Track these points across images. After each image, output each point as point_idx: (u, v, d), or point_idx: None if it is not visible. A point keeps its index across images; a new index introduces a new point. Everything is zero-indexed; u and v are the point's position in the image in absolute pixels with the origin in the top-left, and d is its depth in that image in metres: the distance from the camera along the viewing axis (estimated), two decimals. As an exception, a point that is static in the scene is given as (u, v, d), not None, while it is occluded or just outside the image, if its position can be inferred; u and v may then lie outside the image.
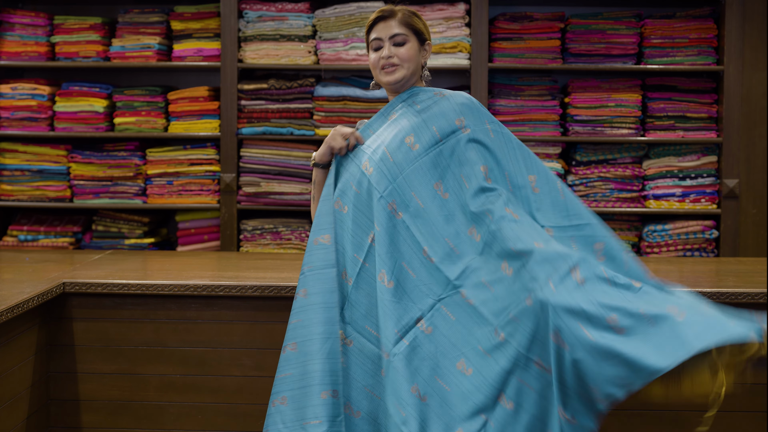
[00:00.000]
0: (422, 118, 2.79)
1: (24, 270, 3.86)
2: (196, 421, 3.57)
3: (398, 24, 2.82)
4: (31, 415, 3.44)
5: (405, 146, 2.74)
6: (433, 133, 2.75)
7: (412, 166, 2.72)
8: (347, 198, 2.78)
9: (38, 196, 5.12)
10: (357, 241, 2.75)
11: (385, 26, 2.83)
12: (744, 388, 3.50)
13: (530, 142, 5.02)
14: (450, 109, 2.79)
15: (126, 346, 3.58)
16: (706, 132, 5.03)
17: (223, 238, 5.04)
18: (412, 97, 2.87)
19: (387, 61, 2.82)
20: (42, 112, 5.10)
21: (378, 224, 2.69)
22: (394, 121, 2.83)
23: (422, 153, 2.74)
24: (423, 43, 2.87)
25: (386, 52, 2.81)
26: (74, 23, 5.12)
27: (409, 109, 2.84)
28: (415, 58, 2.84)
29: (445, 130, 2.77)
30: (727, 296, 3.43)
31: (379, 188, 2.72)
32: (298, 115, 5.02)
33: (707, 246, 5.02)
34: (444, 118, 2.78)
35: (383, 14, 2.84)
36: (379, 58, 2.83)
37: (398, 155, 2.74)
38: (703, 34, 5.01)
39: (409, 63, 2.83)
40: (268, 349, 3.55)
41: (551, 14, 5.06)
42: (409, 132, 2.76)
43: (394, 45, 2.82)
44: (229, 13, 4.99)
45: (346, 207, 2.77)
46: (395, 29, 2.82)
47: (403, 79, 2.84)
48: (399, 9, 2.85)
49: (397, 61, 2.82)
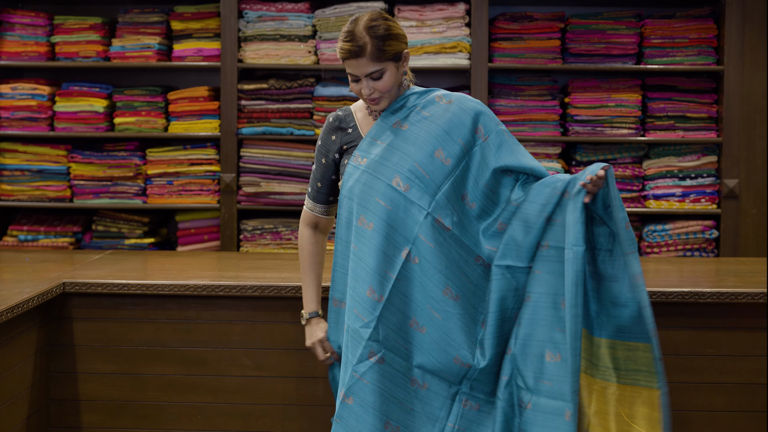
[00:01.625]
0: (443, 129, 2.78)
1: (24, 270, 3.86)
2: (196, 421, 3.57)
3: (370, 61, 2.70)
4: (31, 415, 3.44)
5: (437, 161, 2.75)
6: (461, 147, 2.77)
7: (449, 180, 2.75)
8: (373, 215, 2.74)
9: (38, 196, 5.12)
10: (389, 257, 2.73)
11: (358, 64, 2.71)
12: (744, 388, 3.50)
13: (530, 142, 5.03)
14: (467, 119, 2.80)
15: (126, 346, 3.58)
16: (706, 132, 5.03)
17: (223, 238, 5.04)
18: (414, 101, 2.85)
19: (369, 97, 2.78)
20: (42, 112, 5.10)
21: (427, 239, 2.72)
22: (404, 132, 2.80)
23: (455, 167, 2.76)
24: (399, 59, 2.78)
25: (366, 90, 2.76)
26: (74, 23, 5.12)
27: (417, 116, 2.82)
28: (396, 81, 2.79)
29: (470, 142, 2.79)
30: (727, 296, 3.43)
31: (422, 204, 2.73)
32: (298, 115, 5.02)
33: (707, 246, 5.02)
34: (466, 129, 2.79)
35: (352, 52, 2.69)
36: (359, 90, 2.78)
37: (432, 170, 2.75)
38: (703, 34, 5.01)
39: (390, 91, 2.79)
40: (268, 349, 3.55)
41: (551, 14, 5.06)
42: (436, 146, 2.76)
43: (372, 80, 2.75)
44: (229, 13, 4.99)
45: (371, 224, 2.74)
46: (369, 68, 2.71)
47: (388, 103, 2.83)
48: (369, 41, 2.69)
49: (377, 95, 2.78)
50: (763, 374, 3.48)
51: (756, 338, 3.48)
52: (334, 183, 2.95)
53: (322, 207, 2.99)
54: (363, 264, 2.74)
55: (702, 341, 3.49)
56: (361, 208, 2.77)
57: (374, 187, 2.75)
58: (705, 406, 3.51)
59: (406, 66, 2.83)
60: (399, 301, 2.73)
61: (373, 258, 2.72)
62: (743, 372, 3.49)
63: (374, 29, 2.70)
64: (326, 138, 2.92)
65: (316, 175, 2.96)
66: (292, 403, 3.56)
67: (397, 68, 2.78)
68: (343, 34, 2.72)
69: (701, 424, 3.51)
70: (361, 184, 2.77)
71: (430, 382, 2.74)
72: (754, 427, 3.49)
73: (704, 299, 3.43)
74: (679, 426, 3.50)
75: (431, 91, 2.89)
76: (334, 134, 2.91)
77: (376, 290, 2.71)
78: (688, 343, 3.49)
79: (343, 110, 2.93)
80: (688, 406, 3.51)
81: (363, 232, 2.75)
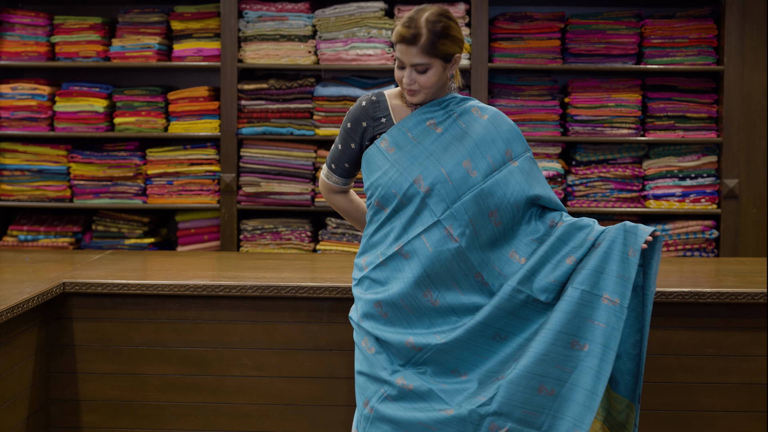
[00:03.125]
0: (475, 143, 2.78)
1: (24, 270, 3.86)
2: (196, 421, 3.57)
3: (420, 52, 2.69)
4: (31, 415, 3.44)
5: (463, 170, 2.75)
6: (489, 163, 2.77)
7: (471, 192, 2.74)
8: (390, 205, 2.78)
9: (38, 196, 5.12)
10: (387, 243, 2.80)
11: (408, 51, 2.70)
12: (744, 388, 3.50)
13: (530, 142, 5.02)
14: (499, 138, 2.81)
15: (126, 346, 3.58)
16: (706, 132, 5.03)
17: (223, 238, 5.04)
18: (452, 107, 2.83)
19: (408, 87, 2.76)
20: (42, 112, 5.10)
21: (428, 242, 2.73)
22: (437, 134, 2.79)
23: (481, 180, 2.75)
24: (449, 60, 2.76)
25: (407, 79, 2.74)
26: (74, 23, 5.12)
27: (452, 124, 2.81)
28: (438, 81, 2.76)
29: (498, 161, 2.79)
30: (727, 296, 3.43)
31: (436, 210, 2.73)
32: (298, 115, 5.02)
33: (707, 246, 5.02)
34: (496, 148, 2.79)
35: (406, 38, 2.69)
36: (401, 77, 2.77)
37: (457, 178, 2.74)
38: (703, 34, 5.01)
39: (429, 89, 2.76)
40: (268, 349, 3.55)
41: (551, 14, 5.06)
42: (466, 156, 2.76)
43: (416, 71, 2.73)
44: (229, 13, 4.99)
45: (387, 210, 2.79)
46: (417, 58, 2.70)
47: (424, 101, 2.81)
48: (425, 32, 2.69)
49: (417, 87, 2.76)
50: (763, 374, 3.48)
51: (756, 338, 3.48)
52: (359, 163, 2.92)
53: (344, 180, 2.97)
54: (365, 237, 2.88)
55: (702, 341, 3.49)
56: (383, 199, 2.78)
57: (397, 182, 2.76)
58: (705, 406, 3.51)
59: (454, 69, 2.81)
60: (376, 283, 2.79)
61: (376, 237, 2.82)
62: (743, 372, 3.49)
63: (434, 24, 2.70)
64: (357, 123, 2.86)
65: (342, 156, 2.91)
66: (292, 403, 3.56)
67: (445, 69, 2.76)
68: (403, 19, 2.72)
69: (701, 424, 3.51)
70: (387, 177, 2.78)
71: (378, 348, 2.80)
72: (754, 427, 3.49)
73: (704, 299, 3.43)
74: (679, 426, 3.50)
75: (468, 100, 2.87)
76: (366, 121, 2.86)
77: (367, 264, 2.82)
78: (688, 343, 3.49)
79: (377, 95, 2.88)
80: (688, 406, 3.51)
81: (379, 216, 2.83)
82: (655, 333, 3.48)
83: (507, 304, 2.72)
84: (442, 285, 2.74)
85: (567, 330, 2.67)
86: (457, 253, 2.72)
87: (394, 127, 2.81)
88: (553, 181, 5.00)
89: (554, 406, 2.66)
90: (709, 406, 3.51)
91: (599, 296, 2.68)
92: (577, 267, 2.73)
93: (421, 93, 2.77)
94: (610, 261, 2.71)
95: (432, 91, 2.78)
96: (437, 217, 2.72)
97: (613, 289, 2.68)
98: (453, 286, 2.74)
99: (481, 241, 2.74)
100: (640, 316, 2.77)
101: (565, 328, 2.67)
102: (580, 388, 2.64)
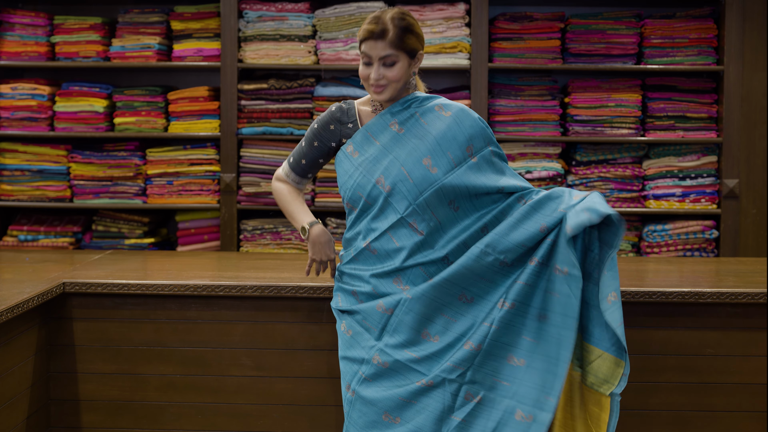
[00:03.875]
0: (435, 140, 2.87)
1: (24, 270, 3.86)
2: (196, 421, 3.57)
3: (389, 45, 2.82)
4: (31, 415, 3.44)
5: (423, 167, 2.85)
6: (449, 160, 2.86)
7: (432, 188, 2.84)
8: (357, 206, 2.92)
9: (38, 196, 5.12)
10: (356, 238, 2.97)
11: (376, 46, 2.83)
12: (744, 388, 3.50)
13: (530, 142, 5.03)
14: (461, 134, 2.88)
15: (126, 346, 3.58)
16: (706, 132, 5.03)
17: (223, 238, 5.04)
18: (415, 107, 2.93)
19: (376, 82, 2.87)
20: (42, 112, 5.10)
21: (393, 236, 2.86)
22: (400, 136, 2.90)
23: (441, 177, 2.84)
24: (413, 58, 2.90)
25: (374, 74, 2.85)
26: (74, 23, 5.12)
27: (414, 123, 2.90)
28: (404, 76, 2.89)
29: (458, 157, 2.87)
30: (727, 296, 3.43)
31: (399, 208, 2.85)
32: (298, 115, 5.02)
33: (707, 246, 5.02)
34: (457, 145, 2.87)
35: (374, 33, 2.82)
36: (368, 75, 2.88)
37: (417, 176, 2.84)
38: (703, 34, 5.01)
39: (397, 83, 2.88)
40: (268, 349, 3.55)
41: (551, 14, 5.06)
42: (426, 153, 2.86)
43: (384, 65, 2.85)
44: (229, 13, 4.99)
45: (356, 209, 2.94)
46: (385, 50, 2.83)
47: (390, 97, 2.91)
48: (392, 27, 2.83)
49: (385, 82, 2.87)
50: (763, 374, 3.48)
51: (756, 338, 3.48)
52: (318, 166, 3.07)
53: (297, 177, 3.11)
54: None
55: (702, 341, 3.49)
56: (351, 201, 2.93)
57: (362, 184, 2.89)
58: (705, 406, 3.51)
59: (416, 67, 2.93)
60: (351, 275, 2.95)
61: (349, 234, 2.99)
62: (743, 372, 3.49)
63: (400, 20, 2.85)
64: (325, 125, 3.00)
65: (303, 152, 3.06)
66: (291, 403, 3.56)
67: (409, 65, 2.88)
68: (368, 18, 2.87)
69: (701, 424, 3.51)
70: (353, 180, 2.91)
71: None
72: (754, 427, 3.49)
73: (704, 299, 3.43)
74: (679, 426, 3.50)
75: (433, 98, 2.96)
76: (334, 125, 2.99)
77: (342, 258, 3.01)
78: (688, 343, 3.49)
79: (348, 104, 3.01)
80: (688, 406, 3.51)
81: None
82: (655, 333, 3.48)
83: (474, 264, 2.82)
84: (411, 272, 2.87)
85: (529, 302, 2.81)
86: (422, 244, 2.86)
87: (359, 131, 2.94)
88: (553, 181, 5.01)
89: (524, 375, 2.78)
90: (709, 406, 3.51)
91: (551, 267, 2.79)
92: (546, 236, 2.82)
93: (389, 88, 2.88)
94: (560, 234, 2.80)
95: (399, 86, 2.89)
96: (400, 214, 2.84)
97: (561, 259, 2.77)
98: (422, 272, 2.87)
99: (446, 230, 2.87)
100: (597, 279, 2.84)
101: (527, 300, 2.81)
102: (546, 356, 2.76)
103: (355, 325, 2.90)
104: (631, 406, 3.48)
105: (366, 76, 2.88)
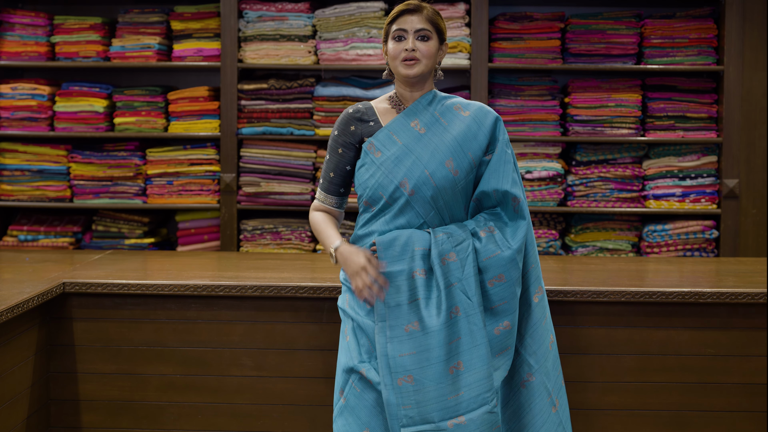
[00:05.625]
0: (456, 141, 2.85)
1: (24, 270, 3.86)
2: (196, 421, 3.57)
3: (424, 20, 2.84)
4: (31, 415, 3.44)
5: (445, 170, 2.82)
6: (470, 160, 2.85)
7: (453, 191, 2.84)
8: (376, 203, 2.87)
9: (38, 196, 5.12)
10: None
11: (411, 19, 2.84)
12: (744, 388, 3.50)
13: (530, 142, 5.03)
14: (482, 134, 2.87)
15: (126, 346, 3.58)
16: (706, 132, 5.03)
17: (223, 238, 5.04)
18: (434, 106, 2.91)
19: (409, 54, 2.84)
20: (42, 112, 5.10)
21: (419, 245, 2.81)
22: (420, 135, 2.87)
23: (462, 179, 2.84)
24: (441, 43, 2.91)
25: (410, 44, 2.83)
26: (74, 23, 5.12)
27: (435, 123, 2.88)
28: (434, 56, 2.89)
29: (478, 157, 2.86)
30: (727, 296, 3.43)
31: (421, 212, 2.83)
32: (298, 115, 5.02)
33: (707, 246, 5.02)
34: (477, 144, 2.86)
35: (410, 7, 2.85)
36: (401, 50, 2.84)
37: (439, 178, 2.82)
38: (703, 34, 5.01)
39: (428, 60, 2.86)
40: (268, 349, 3.55)
41: (551, 14, 5.06)
42: (448, 156, 2.83)
43: (419, 39, 2.85)
44: (229, 13, 4.99)
45: (374, 208, 2.88)
46: (421, 24, 2.84)
47: (421, 74, 2.87)
48: (425, 5, 2.87)
49: (418, 56, 2.84)
50: (763, 374, 3.48)
51: (756, 338, 3.48)
52: (348, 174, 2.96)
53: (333, 199, 2.99)
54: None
55: (702, 341, 3.49)
56: (371, 200, 2.88)
57: (383, 184, 2.84)
58: (705, 406, 3.51)
59: (442, 56, 2.93)
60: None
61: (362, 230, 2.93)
62: (743, 372, 3.49)
63: (430, 5, 2.90)
64: (344, 128, 2.92)
65: (329, 165, 2.96)
66: (291, 403, 3.56)
67: (438, 48, 2.89)
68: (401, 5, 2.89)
69: (701, 424, 3.51)
70: (374, 180, 2.86)
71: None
72: (754, 427, 3.49)
73: (704, 299, 3.43)
74: (679, 426, 3.50)
75: (450, 97, 2.95)
76: (354, 125, 2.92)
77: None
78: (688, 343, 3.49)
79: (364, 104, 2.96)
80: (688, 406, 3.51)
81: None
82: (655, 333, 3.48)
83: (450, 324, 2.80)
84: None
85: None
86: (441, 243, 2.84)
87: (380, 130, 2.89)
88: (553, 181, 5.01)
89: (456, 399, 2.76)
90: (709, 406, 3.51)
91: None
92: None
93: (420, 64, 2.85)
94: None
95: (429, 65, 2.87)
96: (422, 218, 2.84)
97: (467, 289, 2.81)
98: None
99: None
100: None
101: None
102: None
103: (352, 334, 2.85)
104: (631, 406, 3.49)
105: (397, 53, 2.84)
